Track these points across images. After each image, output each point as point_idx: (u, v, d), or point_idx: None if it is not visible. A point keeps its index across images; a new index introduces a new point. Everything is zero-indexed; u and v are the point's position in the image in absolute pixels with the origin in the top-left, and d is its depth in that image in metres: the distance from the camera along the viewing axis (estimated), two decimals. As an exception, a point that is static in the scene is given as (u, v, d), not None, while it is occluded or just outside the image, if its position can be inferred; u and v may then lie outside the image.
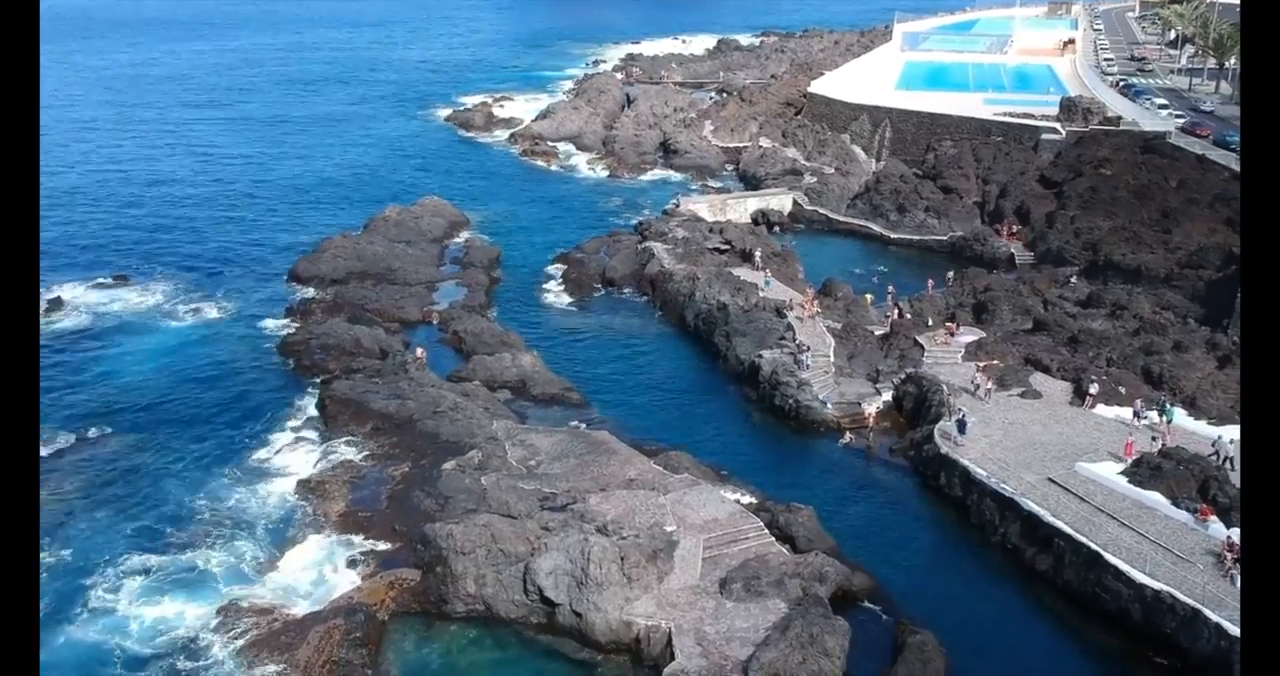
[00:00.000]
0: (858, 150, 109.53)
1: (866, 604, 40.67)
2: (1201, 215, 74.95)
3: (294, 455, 51.59)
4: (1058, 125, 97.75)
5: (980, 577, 43.43)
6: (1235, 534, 39.39)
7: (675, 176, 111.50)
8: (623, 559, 39.08)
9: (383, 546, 43.20)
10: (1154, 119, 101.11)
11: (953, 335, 60.07)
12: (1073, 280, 71.51)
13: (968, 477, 46.84)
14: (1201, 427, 49.91)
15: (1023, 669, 37.63)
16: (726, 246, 79.90)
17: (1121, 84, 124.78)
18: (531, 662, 38.00)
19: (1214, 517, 41.26)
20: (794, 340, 59.80)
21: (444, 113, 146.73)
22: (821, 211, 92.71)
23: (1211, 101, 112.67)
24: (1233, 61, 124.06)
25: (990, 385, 51.91)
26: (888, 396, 56.50)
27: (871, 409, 55.70)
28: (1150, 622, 37.80)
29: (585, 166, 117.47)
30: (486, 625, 39.55)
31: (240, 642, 37.72)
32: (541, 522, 42.18)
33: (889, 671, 36.75)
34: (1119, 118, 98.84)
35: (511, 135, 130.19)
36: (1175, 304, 65.13)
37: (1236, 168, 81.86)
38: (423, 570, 40.70)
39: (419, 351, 61.19)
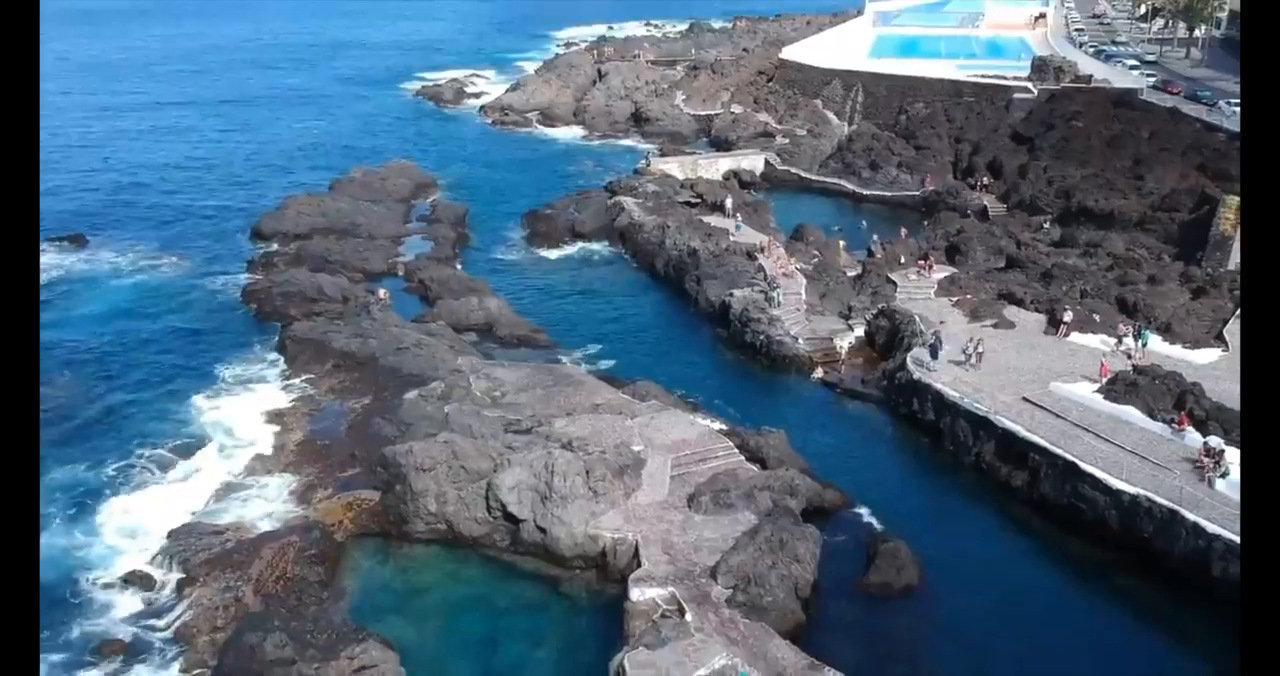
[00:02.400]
0: (830, 115, 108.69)
1: (838, 518, 39.69)
2: (1174, 162, 74.50)
3: (253, 392, 50.21)
4: (1029, 84, 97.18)
5: (954, 496, 42.61)
6: (1213, 440, 38.76)
7: (647, 144, 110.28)
8: (588, 472, 37.94)
9: (341, 472, 41.85)
10: (1125, 78, 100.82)
11: (928, 271, 59.15)
12: (1046, 225, 70.93)
13: (941, 401, 45.95)
14: (1176, 352, 49.31)
15: (999, 580, 36.71)
16: (697, 200, 78.91)
17: (1094, 51, 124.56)
18: (495, 580, 36.83)
19: (1190, 427, 40.55)
20: (765, 279, 58.77)
21: (413, 88, 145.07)
22: (794, 171, 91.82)
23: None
24: (1203, 29, 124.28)
25: (981, 350, 48.60)
26: (860, 332, 55.60)
27: (844, 344, 54.79)
28: (1128, 529, 37.01)
29: (556, 134, 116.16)
30: (448, 545, 38.35)
31: (192, 561, 36.34)
32: (505, 443, 40.96)
33: (862, 578, 35.86)
34: (1090, 76, 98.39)
35: (482, 107, 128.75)
36: (1149, 245, 64.61)
37: (1209, 120, 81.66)
38: (382, 490, 39.40)
39: (381, 292, 59.88)
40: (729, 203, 74.33)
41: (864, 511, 40.25)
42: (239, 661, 29.42)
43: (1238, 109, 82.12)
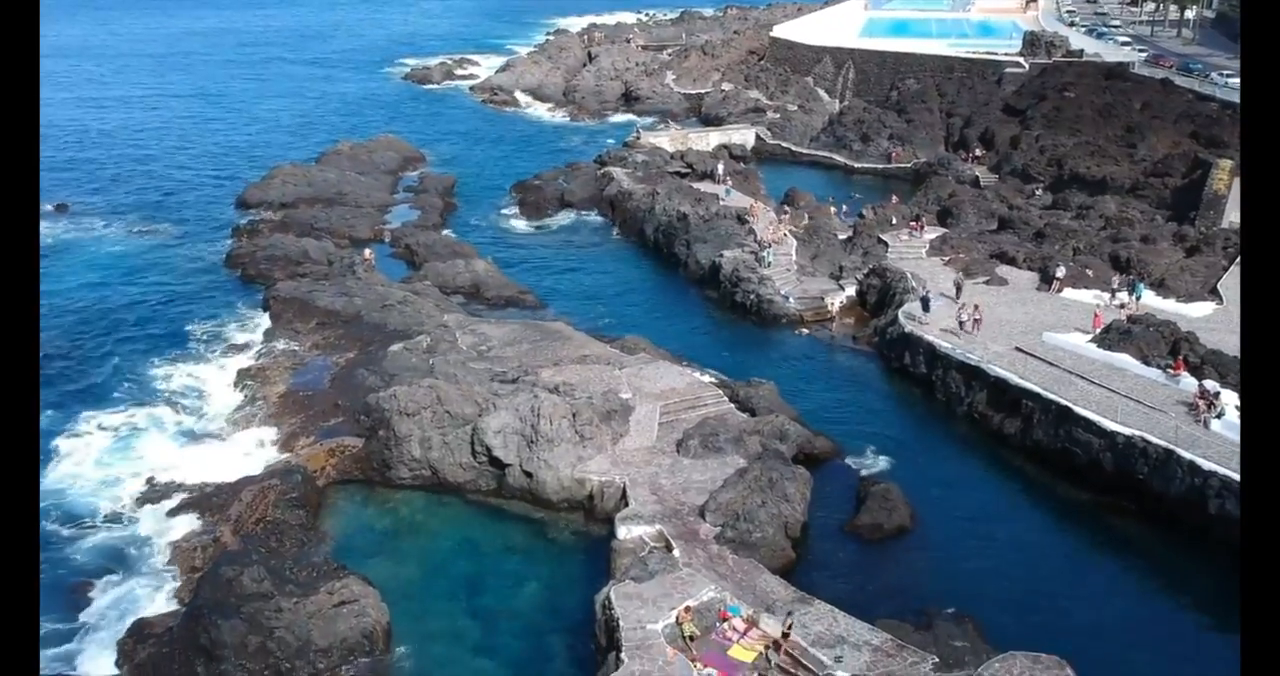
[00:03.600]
0: (821, 92, 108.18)
1: (829, 465, 39.06)
2: (1166, 129, 74.10)
3: (235, 349, 49.64)
4: (1021, 59, 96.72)
5: (947, 445, 42.02)
6: (1209, 384, 38.21)
7: (637, 121, 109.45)
8: (574, 416, 37.28)
9: (324, 421, 41.12)
10: (1117, 53, 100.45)
11: (919, 231, 58.60)
12: (1038, 192, 70.41)
13: (933, 353, 45.37)
14: (1171, 305, 48.81)
15: (992, 523, 36.15)
16: (688, 170, 78.22)
17: (1086, 29, 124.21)
18: (480, 523, 36.19)
19: (1185, 372, 40.03)
20: (755, 240, 58.16)
21: (402, 71, 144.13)
22: (785, 145, 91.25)
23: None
24: (1194, 10, 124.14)
25: (978, 315, 47.32)
26: (851, 291, 55.00)
27: (835, 303, 54.19)
28: (1122, 470, 36.43)
29: (546, 112, 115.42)
30: (433, 491, 37.68)
31: (169, 505, 35.69)
32: (491, 391, 40.28)
33: (853, 519, 35.28)
34: (1081, 51, 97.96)
35: (471, 87, 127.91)
36: (1142, 210, 64.07)
37: (1201, 90, 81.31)
38: (365, 437, 38.70)
39: (366, 252, 59.15)
40: (720, 168, 73.67)
41: (855, 460, 39.66)
42: (215, 594, 28.68)
43: (1229, 80, 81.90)
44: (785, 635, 27.48)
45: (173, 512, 35.39)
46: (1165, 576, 33.33)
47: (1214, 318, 47.02)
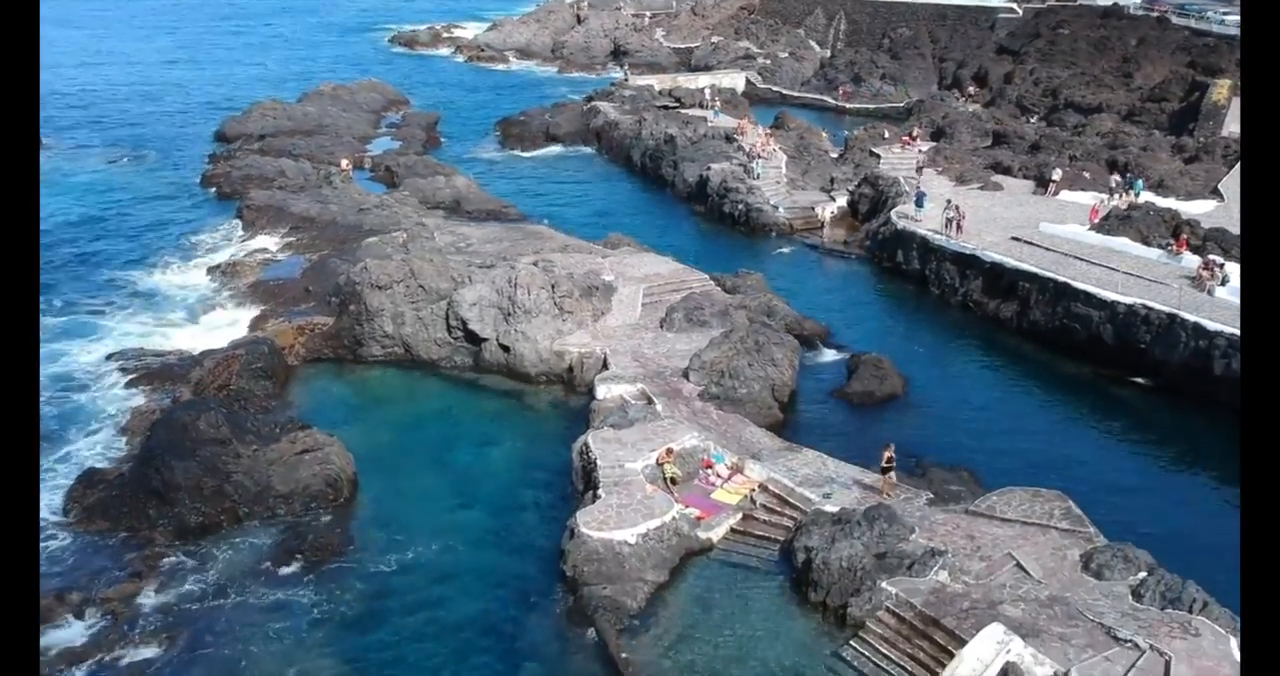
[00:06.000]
0: (813, 43, 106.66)
1: (818, 347, 37.59)
2: (1163, 59, 72.78)
3: (208, 250, 48.01)
4: (1014, 4, 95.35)
5: (942, 332, 40.63)
6: (1213, 258, 36.86)
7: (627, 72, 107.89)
8: (553, 286, 35.76)
9: (294, 306, 39.55)
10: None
11: (912, 143, 57.19)
12: (1033, 120, 69.02)
13: (926, 246, 43.97)
14: (1171, 203, 47.36)
15: (988, 394, 34.85)
16: (676, 104, 76.68)
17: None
18: (454, 395, 34.67)
19: (1187, 251, 38.68)
20: (745, 153, 56.68)
21: (387, 35, 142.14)
22: (775, 89, 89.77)
23: None
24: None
25: (961, 217, 45.67)
26: (843, 202, 53.55)
27: (825, 212, 52.75)
28: (1123, 341, 35.08)
29: (533, 67, 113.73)
30: (406, 368, 36.14)
31: (130, 375, 34.13)
32: (468, 268, 38.72)
33: (843, 387, 33.85)
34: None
35: (457, 47, 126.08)
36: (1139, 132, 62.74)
37: (1197, 27, 79.95)
38: (336, 314, 37.15)
39: (344, 163, 57.46)
40: (708, 93, 72.21)
41: (845, 342, 38.18)
42: (169, 437, 27.06)
43: (1226, 17, 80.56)
44: (886, 469, 25.79)
45: (132, 383, 33.81)
46: (1167, 438, 31.95)
47: (1215, 213, 45.65)
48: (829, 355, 36.89)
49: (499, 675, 21.55)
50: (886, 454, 25.87)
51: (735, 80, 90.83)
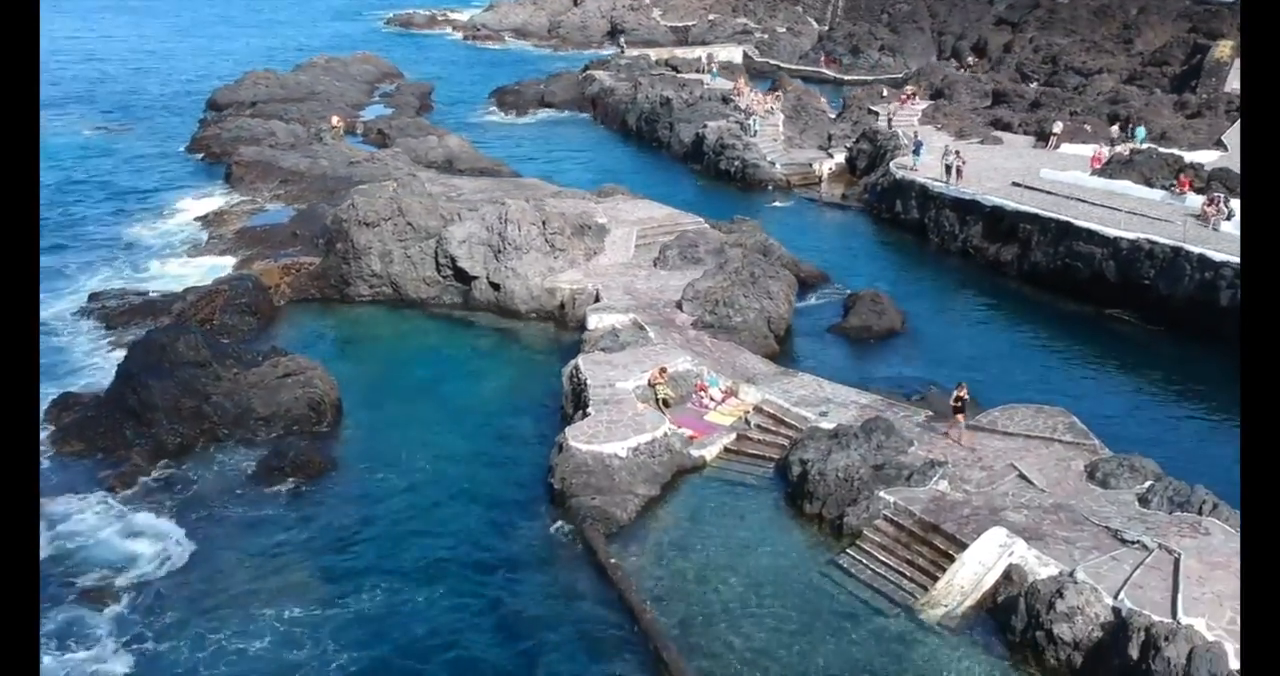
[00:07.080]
0: (811, 20, 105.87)
1: (815, 288, 36.86)
2: (1164, 25, 72.17)
3: (197, 203, 47.11)
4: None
5: (942, 276, 39.97)
6: (1217, 194, 36.13)
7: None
8: (544, 223, 35.01)
9: (281, 249, 38.71)
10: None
11: (911, 101, 56.41)
12: (1033, 86, 68.21)
13: (925, 194, 43.21)
14: (1175, 152, 46.56)
15: (989, 331, 34.22)
16: (672, 72, 75.82)
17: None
18: (443, 332, 33.97)
19: (1190, 191, 37.94)
20: (741, 110, 55.91)
21: (384, 17, 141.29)
22: (772, 62, 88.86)
23: None
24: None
25: (961, 163, 44.71)
26: (840, 158, 52.79)
27: (823, 168, 52.00)
28: (1126, 278, 34.32)
29: (529, 46, 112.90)
30: (394, 306, 35.40)
31: (111, 312, 33.36)
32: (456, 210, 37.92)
33: (840, 322, 33.12)
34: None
35: (453, 27, 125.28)
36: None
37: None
38: (323, 253, 36.39)
39: (334, 119, 56.65)
40: (704, 58, 71.44)
41: (843, 285, 37.40)
42: (147, 358, 26.32)
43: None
44: (959, 407, 23.74)
45: (113, 321, 33.01)
46: (1172, 370, 31.12)
47: (1219, 162, 44.85)
48: (826, 296, 36.14)
49: (481, 586, 20.79)
50: (958, 392, 23.87)
51: (732, 53, 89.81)
